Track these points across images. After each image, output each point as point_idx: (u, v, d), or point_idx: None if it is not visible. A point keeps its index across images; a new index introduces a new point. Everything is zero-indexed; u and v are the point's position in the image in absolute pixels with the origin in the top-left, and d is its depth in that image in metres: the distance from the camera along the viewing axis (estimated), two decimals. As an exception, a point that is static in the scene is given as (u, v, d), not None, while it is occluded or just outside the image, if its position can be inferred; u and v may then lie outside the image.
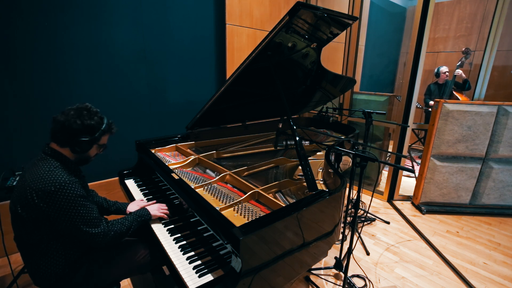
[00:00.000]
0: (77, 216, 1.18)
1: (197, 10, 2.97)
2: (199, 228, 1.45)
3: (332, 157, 1.84)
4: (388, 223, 2.94)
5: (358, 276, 2.15)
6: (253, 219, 1.31)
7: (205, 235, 1.40)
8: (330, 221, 1.51)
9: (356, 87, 3.96)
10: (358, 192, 1.81)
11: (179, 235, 1.46)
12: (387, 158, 4.08)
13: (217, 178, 1.73)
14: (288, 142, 2.49)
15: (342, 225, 1.70)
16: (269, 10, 3.50)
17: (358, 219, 2.89)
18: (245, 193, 1.54)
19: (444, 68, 4.25)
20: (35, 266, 1.24)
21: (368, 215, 3.01)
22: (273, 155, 2.21)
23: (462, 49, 4.30)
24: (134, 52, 2.63)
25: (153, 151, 2.12)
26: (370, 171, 3.72)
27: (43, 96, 2.24)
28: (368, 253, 2.44)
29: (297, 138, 1.56)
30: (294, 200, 1.55)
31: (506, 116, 2.87)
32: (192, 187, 1.52)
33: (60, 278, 1.25)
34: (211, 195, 1.59)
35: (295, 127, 1.62)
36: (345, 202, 1.71)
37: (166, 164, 1.86)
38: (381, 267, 2.29)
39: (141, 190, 1.92)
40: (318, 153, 2.35)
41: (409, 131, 3.24)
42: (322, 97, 2.78)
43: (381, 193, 3.51)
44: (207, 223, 1.31)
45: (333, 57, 4.15)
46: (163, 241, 1.41)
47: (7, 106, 2.11)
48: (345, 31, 2.67)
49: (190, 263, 1.27)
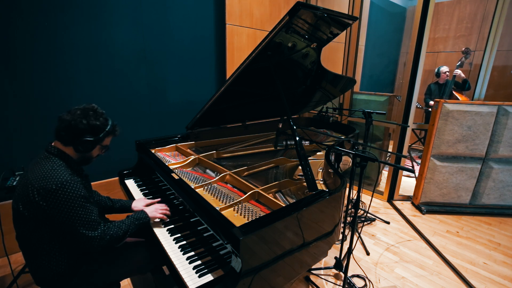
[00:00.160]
0: (75, 216, 1.17)
1: (197, 10, 2.97)
2: (199, 228, 1.45)
3: (332, 157, 1.84)
4: (388, 223, 2.95)
5: (358, 276, 2.15)
6: (253, 219, 1.31)
7: (205, 235, 1.40)
8: (330, 221, 1.51)
9: (356, 87, 3.96)
10: (358, 192, 1.81)
11: (179, 235, 1.46)
12: (387, 158, 4.08)
13: (217, 178, 1.73)
14: (288, 142, 2.49)
15: (342, 225, 1.70)
16: (269, 10, 3.50)
17: (358, 219, 2.89)
18: (245, 193, 1.54)
19: (444, 68, 4.25)
20: (36, 265, 1.24)
21: (368, 215, 3.01)
22: (273, 155, 2.21)
23: (462, 49, 4.30)
24: (134, 52, 2.64)
25: (153, 151, 2.12)
26: (370, 171, 3.72)
27: (43, 96, 2.24)
28: (368, 253, 2.44)
29: (297, 138, 1.56)
30: (294, 200, 1.55)
31: (506, 116, 2.87)
32: (192, 187, 1.52)
33: (60, 278, 1.25)
34: (211, 195, 1.59)
35: (295, 127, 1.62)
36: (345, 202, 1.71)
37: (166, 164, 1.86)
38: (381, 267, 2.29)
39: (141, 190, 1.92)
40: (318, 153, 2.35)
41: (409, 131, 3.25)
42: (322, 97, 2.78)
43: (381, 193, 3.51)
44: (207, 223, 1.31)
45: (333, 57, 4.15)
46: (163, 241, 1.41)
47: (7, 106, 2.11)
48: (345, 31, 2.67)
49: (190, 263, 1.27)
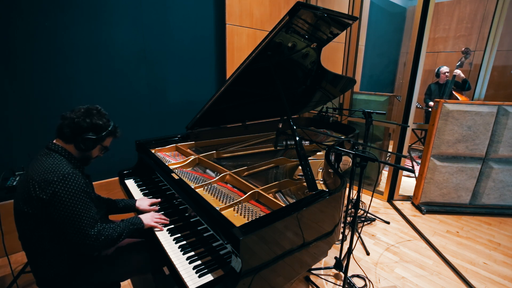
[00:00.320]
0: (74, 210, 1.15)
1: (197, 10, 2.97)
2: (199, 228, 1.45)
3: (332, 157, 1.84)
4: (388, 223, 2.95)
5: (358, 276, 2.15)
6: (253, 219, 1.31)
7: (205, 235, 1.40)
8: (330, 221, 1.51)
9: (356, 87, 3.96)
10: (358, 192, 1.81)
11: (179, 235, 1.46)
12: (387, 158, 4.08)
13: (217, 178, 1.73)
14: (288, 142, 2.49)
15: (342, 225, 1.70)
16: (269, 10, 3.50)
17: (358, 219, 2.89)
18: (245, 193, 1.54)
19: (444, 68, 4.25)
20: (36, 265, 1.24)
21: (368, 215, 3.01)
22: (273, 155, 2.21)
23: (462, 49, 4.30)
24: (134, 52, 2.64)
25: (153, 151, 2.12)
26: (370, 171, 3.72)
27: (43, 96, 2.24)
28: (368, 253, 2.44)
29: (297, 138, 1.56)
30: (294, 200, 1.55)
31: (506, 116, 2.87)
32: (192, 187, 1.52)
33: (60, 278, 1.25)
34: (211, 195, 1.59)
35: (295, 127, 1.62)
36: (345, 202, 1.71)
37: (166, 164, 1.86)
38: (381, 267, 2.29)
39: (141, 190, 1.92)
40: (318, 153, 2.35)
41: (409, 131, 3.24)
42: (322, 97, 2.78)
43: (381, 193, 3.51)
44: (207, 223, 1.31)
45: (333, 57, 4.15)
46: (163, 241, 1.41)
47: (7, 106, 2.11)
48: (345, 31, 2.67)
49: (190, 263, 1.27)
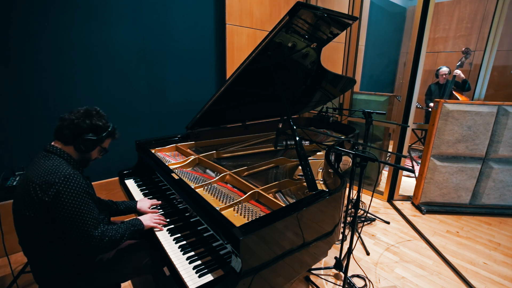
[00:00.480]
0: (77, 212, 1.14)
1: (197, 10, 2.97)
2: (199, 228, 1.45)
3: (332, 157, 1.84)
4: (388, 223, 2.94)
5: (358, 276, 2.15)
6: (253, 219, 1.31)
7: (205, 235, 1.40)
8: (330, 221, 1.51)
9: (356, 87, 3.96)
10: (358, 192, 1.81)
11: (179, 235, 1.46)
12: (387, 158, 4.08)
13: (217, 178, 1.73)
14: (288, 142, 2.49)
15: (342, 225, 1.70)
16: (269, 10, 3.50)
17: (358, 219, 2.89)
18: (245, 193, 1.54)
19: (444, 69, 4.24)
20: (36, 265, 1.24)
21: (368, 215, 3.01)
22: (273, 155, 2.21)
23: (462, 49, 4.30)
24: (134, 52, 2.64)
25: (153, 151, 2.12)
26: (370, 171, 3.72)
27: (43, 96, 2.24)
28: (368, 253, 2.44)
29: (297, 138, 1.56)
30: (294, 200, 1.55)
31: (506, 116, 2.87)
32: (192, 187, 1.52)
33: (61, 278, 1.25)
34: (211, 195, 1.59)
35: (295, 127, 1.62)
36: (345, 202, 1.71)
37: (166, 164, 1.86)
38: (381, 267, 2.29)
39: (141, 190, 1.92)
40: (318, 153, 2.35)
41: (409, 131, 3.24)
42: (322, 97, 2.78)
43: (381, 193, 3.51)
44: (207, 223, 1.31)
45: (333, 57, 4.15)
46: (163, 241, 1.41)
47: (7, 106, 2.11)
48: (345, 31, 2.67)
49: (190, 263, 1.27)
